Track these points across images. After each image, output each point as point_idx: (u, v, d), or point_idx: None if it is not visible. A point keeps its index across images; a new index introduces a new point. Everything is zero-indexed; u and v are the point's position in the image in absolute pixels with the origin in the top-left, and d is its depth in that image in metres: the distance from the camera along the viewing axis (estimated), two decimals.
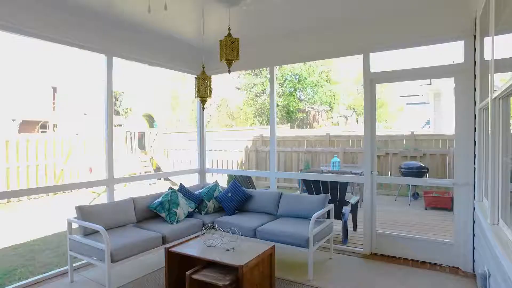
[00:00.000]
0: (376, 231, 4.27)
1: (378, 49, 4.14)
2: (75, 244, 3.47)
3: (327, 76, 23.19)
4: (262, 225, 3.99)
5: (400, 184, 7.98)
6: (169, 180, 11.84)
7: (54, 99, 23.46)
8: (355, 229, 5.20)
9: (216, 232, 3.69)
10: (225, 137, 13.27)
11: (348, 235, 4.76)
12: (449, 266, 3.82)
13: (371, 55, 4.20)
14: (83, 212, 3.53)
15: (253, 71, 21.11)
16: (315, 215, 3.64)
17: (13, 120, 21.91)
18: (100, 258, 3.18)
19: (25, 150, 9.30)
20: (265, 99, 23.09)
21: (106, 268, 3.09)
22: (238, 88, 23.98)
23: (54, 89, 23.27)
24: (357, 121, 30.07)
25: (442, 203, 6.71)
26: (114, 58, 4.26)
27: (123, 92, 21.61)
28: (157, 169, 12.18)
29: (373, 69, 4.21)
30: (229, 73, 3.44)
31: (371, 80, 4.22)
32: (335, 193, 4.84)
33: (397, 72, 4.14)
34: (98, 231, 3.33)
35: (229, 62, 3.25)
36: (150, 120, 13.06)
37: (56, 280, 3.66)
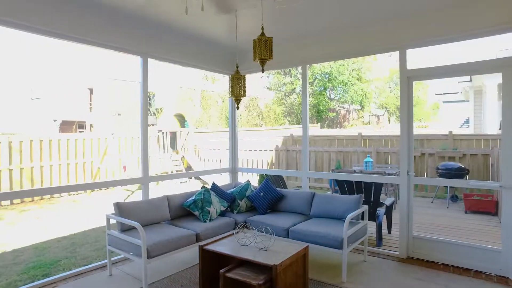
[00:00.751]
0: (412, 234, 4.10)
1: (416, 45, 3.97)
2: (113, 239, 3.60)
3: (358, 75, 22.66)
4: (294, 225, 3.95)
5: (438, 186, 7.63)
6: (199, 179, 12.05)
7: (90, 100, 24.60)
8: (389, 232, 5.03)
9: (248, 231, 3.70)
10: (255, 137, 13.31)
11: (382, 238, 4.61)
12: (496, 275, 3.58)
13: (408, 51, 4.04)
14: (121, 209, 3.64)
15: (282, 70, 21.04)
16: (349, 215, 3.55)
17: (55, 121, 23.22)
18: (137, 254, 3.28)
19: (66, 149, 9.81)
20: (295, 98, 22.94)
21: (143, 264, 3.17)
22: (267, 88, 23.98)
23: (91, 91, 24.40)
24: (389, 120, 29.17)
25: (485, 206, 6.34)
26: (149, 60, 4.37)
27: (154, 93, 22.25)
28: (188, 168, 12.42)
29: (410, 66, 4.05)
30: (262, 73, 3.42)
31: (408, 78, 4.06)
32: (369, 194, 4.71)
33: (436, 68, 3.94)
34: (134, 227, 3.43)
35: (263, 62, 3.23)
36: (182, 119, 13.32)
37: (95, 273, 3.81)
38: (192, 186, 11.13)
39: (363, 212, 4.04)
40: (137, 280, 3.55)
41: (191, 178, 12.15)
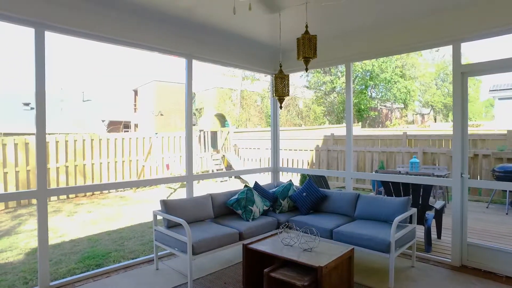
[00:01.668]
0: (467, 241, 3.84)
1: (472, 38, 3.69)
2: (159, 235, 3.73)
3: (401, 72, 21.69)
4: (338, 226, 3.86)
5: (494, 190, 7.08)
6: (240, 178, 12.18)
7: (135, 101, 25.84)
8: (439, 237, 4.76)
9: (291, 231, 3.67)
10: (294, 137, 13.22)
11: (432, 243, 4.37)
12: None
13: (463, 45, 3.78)
14: (167, 206, 3.77)
15: (322, 69, 20.70)
16: (397, 218, 3.40)
17: (103, 121, 24.65)
18: (182, 250, 3.37)
19: (114, 148, 10.37)
20: (335, 97, 22.46)
21: (188, 260, 3.26)
22: (307, 87, 23.71)
23: (135, 92, 25.62)
24: (435, 119, 27.64)
25: None
26: (194, 61, 4.48)
27: (195, 93, 22.85)
28: (229, 167, 12.61)
29: (464, 60, 3.78)
30: (306, 71, 3.38)
31: (463, 73, 3.80)
32: (416, 196, 4.47)
33: (496, 62, 3.61)
34: (180, 224, 3.53)
35: (307, 60, 3.19)
36: (222, 119, 13.55)
37: (143, 266, 3.98)
38: (233, 185, 11.29)
39: (411, 216, 3.85)
40: (182, 276, 3.65)
41: (231, 177, 12.32)
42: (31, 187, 8.48)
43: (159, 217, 3.87)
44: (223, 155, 12.56)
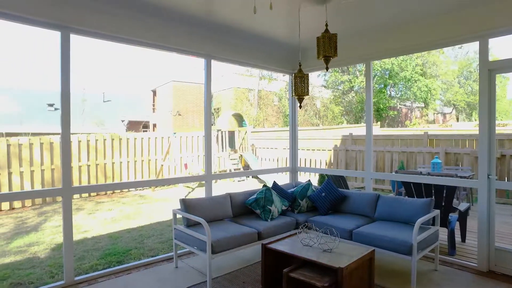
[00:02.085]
0: (495, 246, 3.69)
1: (500, 33, 3.54)
2: (179, 233, 3.77)
3: (421, 70, 21.15)
4: (358, 227, 3.80)
5: None
6: (257, 178, 12.19)
7: (153, 102, 26.27)
8: (463, 240, 4.61)
9: (310, 232, 3.64)
10: (312, 136, 13.12)
11: (455, 246, 4.24)
12: None
13: (490, 40, 3.64)
14: (186, 205, 3.81)
15: (340, 68, 20.46)
16: (419, 220, 3.31)
17: (122, 121, 25.18)
18: (201, 248, 3.39)
19: (133, 147, 10.58)
20: (353, 97, 22.15)
21: (207, 259, 3.28)
22: (324, 86, 23.50)
23: (154, 92, 26.05)
24: (457, 118, 26.83)
25: None
26: (212, 61, 4.51)
27: (213, 93, 23.04)
28: (246, 167, 12.64)
29: (489, 57, 3.65)
30: (326, 70, 3.34)
31: (490, 71, 3.66)
32: (439, 198, 4.35)
33: None
34: (199, 223, 3.56)
35: (327, 59, 3.15)
36: (240, 119, 13.59)
37: (163, 264, 4.03)
38: (250, 185, 11.31)
39: (433, 217, 3.74)
40: (201, 274, 3.68)
41: (248, 177, 12.35)
42: (55, 185, 8.76)
43: (178, 216, 3.92)
44: (241, 155, 12.59)
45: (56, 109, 21.98)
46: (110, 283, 3.51)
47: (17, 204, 8.21)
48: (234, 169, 11.93)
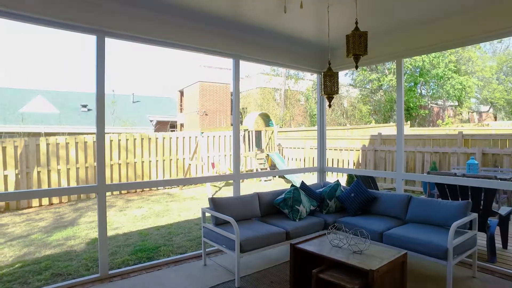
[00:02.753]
0: None
1: None
2: (208, 232, 3.83)
3: (455, 67, 20.23)
4: (389, 229, 3.70)
5: None
6: (284, 178, 12.15)
7: (181, 102, 26.81)
8: (505, 247, 4.37)
9: (339, 233, 3.58)
10: (339, 136, 12.92)
11: (496, 253, 4.02)
12: None
13: None
14: (215, 204, 3.85)
15: (368, 66, 20.00)
16: (455, 223, 3.17)
17: (151, 121, 25.86)
18: (230, 247, 3.43)
19: (162, 146, 10.83)
20: (382, 95, 21.59)
21: (236, 257, 3.31)
22: (352, 85, 23.06)
23: (181, 93, 26.57)
24: (495, 117, 25.50)
25: None
26: (240, 61, 4.54)
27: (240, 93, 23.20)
28: (273, 166, 12.62)
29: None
30: (356, 69, 3.27)
31: None
32: (477, 201, 4.14)
33: None
34: (227, 222, 3.60)
35: (357, 58, 3.08)
36: (266, 119, 13.58)
37: (191, 261, 4.11)
38: (277, 184, 11.30)
39: (470, 221, 3.57)
40: (229, 272, 3.72)
41: (274, 176, 12.33)
42: (89, 183, 9.15)
43: (207, 214, 3.97)
44: (267, 155, 12.59)
45: (89, 110, 22.94)
46: (141, 278, 3.62)
47: (55, 200, 8.66)
48: (261, 169, 11.95)
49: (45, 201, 8.50)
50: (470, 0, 3.49)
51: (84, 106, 23.07)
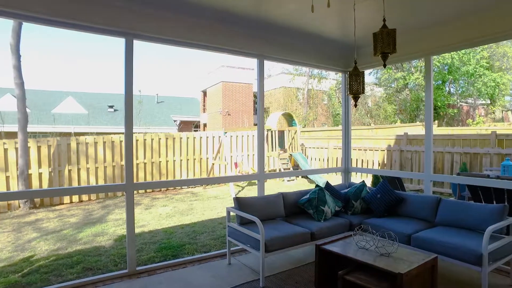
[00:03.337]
0: None
1: None
2: (232, 231, 3.85)
3: (487, 63, 19.35)
4: (417, 231, 3.59)
5: None
6: (307, 178, 12.05)
7: (204, 102, 27.15)
8: None
9: (364, 234, 3.51)
10: (363, 136, 12.67)
11: None
12: None
13: None
14: (240, 203, 3.87)
15: (393, 64, 19.52)
16: (490, 227, 3.03)
17: (175, 121, 26.34)
18: (254, 247, 3.44)
19: (185, 146, 11.01)
20: (407, 94, 20.99)
21: (261, 257, 3.31)
22: (376, 84, 22.57)
23: (204, 93, 26.90)
24: None
25: None
26: (265, 61, 4.54)
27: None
28: (296, 166, 12.55)
29: None
30: (384, 68, 3.20)
31: None
32: None
33: None
34: (252, 221, 3.61)
35: (385, 56, 3.01)
36: (289, 118, 13.52)
37: (216, 260, 4.15)
38: (300, 185, 11.23)
39: (507, 226, 3.41)
40: (253, 272, 3.73)
41: (297, 176, 12.26)
42: (115, 181, 9.44)
43: (231, 214, 4.00)
44: (290, 155, 12.53)
45: (115, 110, 23.68)
46: (167, 275, 3.69)
47: (84, 197, 9.00)
48: (284, 169, 11.91)
49: (75, 198, 8.86)
50: None
51: (111, 106, 23.82)
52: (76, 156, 9.00)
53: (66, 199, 8.76)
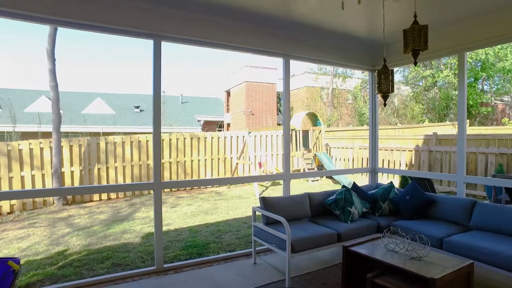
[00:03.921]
0: None
1: None
2: (258, 230, 3.85)
3: None
4: (450, 235, 3.45)
5: None
6: (331, 178, 11.88)
7: (228, 102, 27.37)
8: None
9: (393, 236, 3.41)
10: (390, 136, 12.35)
11: None
12: None
13: None
14: (266, 203, 3.86)
15: (421, 62, 18.89)
16: None
17: (199, 121, 26.70)
18: (280, 247, 3.42)
19: (210, 146, 11.13)
20: (436, 93, 20.25)
21: (287, 257, 3.29)
22: (403, 83, 21.92)
23: (228, 93, 27.12)
24: None
25: None
26: (291, 61, 4.50)
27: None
28: (320, 167, 12.40)
29: None
30: (415, 65, 3.09)
31: None
32: None
33: None
34: (277, 221, 3.59)
35: (416, 53, 2.91)
36: (314, 118, 13.39)
37: (241, 259, 4.16)
38: (324, 185, 11.09)
39: None
40: (279, 272, 3.71)
41: (322, 177, 12.11)
42: (142, 180, 9.68)
43: (257, 213, 3.99)
44: (315, 155, 12.40)
45: (141, 110, 24.28)
46: (194, 273, 3.74)
47: (112, 195, 9.29)
48: (308, 169, 11.80)
49: (104, 195, 9.16)
50: None
51: (137, 107, 24.45)
52: (105, 155, 9.31)
53: (96, 196, 9.07)
